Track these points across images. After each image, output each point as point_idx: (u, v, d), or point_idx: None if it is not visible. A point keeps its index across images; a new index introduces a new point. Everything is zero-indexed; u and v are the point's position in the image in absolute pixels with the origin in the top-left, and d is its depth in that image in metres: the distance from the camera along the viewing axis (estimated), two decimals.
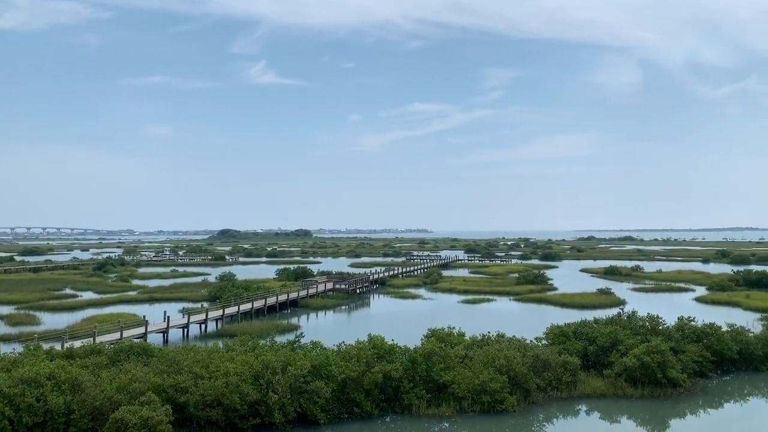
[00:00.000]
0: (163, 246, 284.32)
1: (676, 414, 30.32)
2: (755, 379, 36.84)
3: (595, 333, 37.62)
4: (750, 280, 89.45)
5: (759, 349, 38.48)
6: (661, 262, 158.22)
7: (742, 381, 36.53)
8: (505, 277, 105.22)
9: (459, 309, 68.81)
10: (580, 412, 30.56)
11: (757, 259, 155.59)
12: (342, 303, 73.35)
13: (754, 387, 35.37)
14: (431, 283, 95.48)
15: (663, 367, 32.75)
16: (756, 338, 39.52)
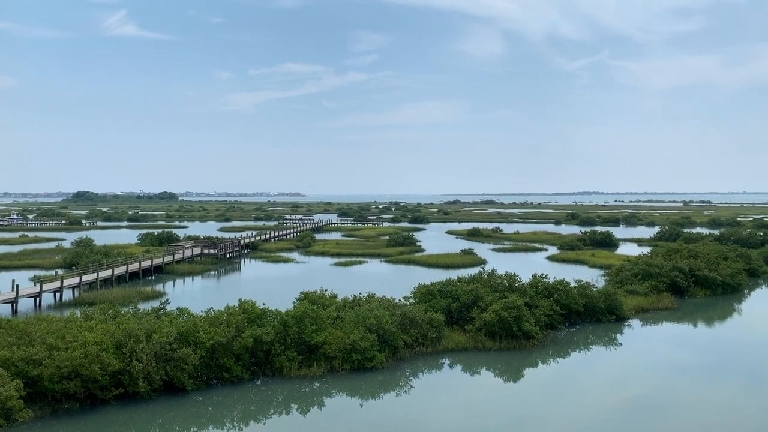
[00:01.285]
0: (10, 209, 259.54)
1: (530, 363, 32.96)
2: (597, 329, 40.81)
3: (458, 291, 39.68)
4: (595, 240, 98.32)
5: (601, 302, 42.56)
6: (518, 224, 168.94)
7: (586, 332, 40.32)
8: (377, 240, 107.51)
9: (332, 271, 69.54)
10: (444, 365, 32.32)
11: (602, 221, 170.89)
12: (211, 268, 71.47)
13: (596, 336, 39.18)
14: (304, 246, 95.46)
15: (518, 321, 35.36)
16: (599, 292, 43.63)
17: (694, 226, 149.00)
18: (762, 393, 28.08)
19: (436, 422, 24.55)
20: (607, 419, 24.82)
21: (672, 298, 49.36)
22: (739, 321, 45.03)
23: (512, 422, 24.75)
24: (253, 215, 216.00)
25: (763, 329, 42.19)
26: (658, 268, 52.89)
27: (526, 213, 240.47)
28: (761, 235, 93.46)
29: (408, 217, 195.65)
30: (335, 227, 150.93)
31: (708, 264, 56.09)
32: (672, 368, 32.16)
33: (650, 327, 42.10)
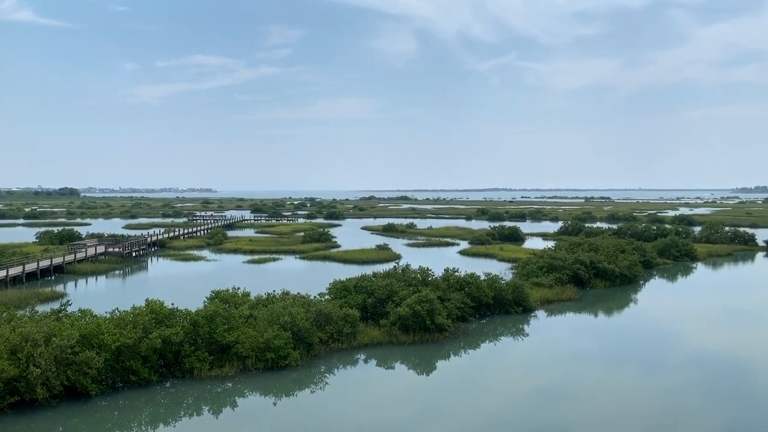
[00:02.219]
0: None
1: (442, 355, 33.73)
2: (506, 320, 42.31)
3: (373, 286, 39.99)
4: (503, 235, 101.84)
5: (509, 294, 44.15)
6: (432, 219, 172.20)
7: (495, 323, 41.70)
8: (292, 236, 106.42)
9: (245, 269, 68.24)
10: (359, 360, 32.51)
11: (510, 216, 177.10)
12: (116, 267, 68.35)
13: (504, 327, 40.61)
14: (215, 244, 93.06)
15: (431, 314, 36.09)
16: (507, 285, 45.23)
17: (595, 221, 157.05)
18: (658, 377, 30.04)
19: (351, 417, 24.67)
20: (517, 407, 25.81)
21: (574, 290, 51.91)
22: (635, 310, 47.96)
23: (426, 413, 25.25)
24: (161, 212, 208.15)
25: (656, 317, 45.15)
26: (562, 261, 55.44)
27: (439, 209, 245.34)
28: (655, 229, 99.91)
29: (323, 213, 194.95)
30: (248, 224, 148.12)
31: (607, 257, 59.34)
32: (575, 356, 33.84)
33: (555, 317, 44.09)
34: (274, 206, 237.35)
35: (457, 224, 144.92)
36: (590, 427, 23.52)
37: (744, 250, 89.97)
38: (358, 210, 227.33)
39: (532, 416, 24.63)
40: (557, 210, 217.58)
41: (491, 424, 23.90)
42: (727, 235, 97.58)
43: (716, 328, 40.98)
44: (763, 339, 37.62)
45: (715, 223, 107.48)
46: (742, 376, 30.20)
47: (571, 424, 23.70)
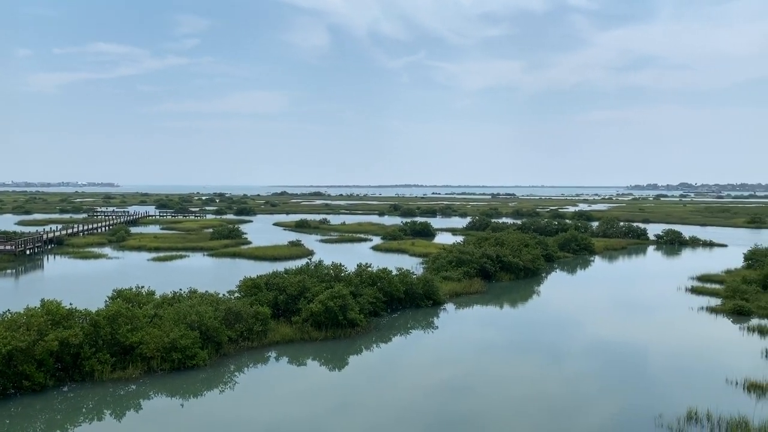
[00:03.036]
0: None
1: (354, 351, 33.90)
2: (417, 314, 43.07)
3: (285, 283, 39.58)
4: (415, 230, 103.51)
5: (420, 288, 44.96)
6: (345, 215, 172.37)
7: (407, 317, 42.36)
8: (200, 233, 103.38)
9: (149, 267, 65.65)
10: (270, 358, 32.10)
11: (422, 212, 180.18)
12: (7, 266, 63.91)
13: (415, 321, 41.33)
14: (118, 240, 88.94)
15: (344, 310, 36.18)
16: (418, 279, 46.06)
17: (501, 217, 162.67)
18: (560, 366, 31.53)
19: (262, 416, 24.33)
20: (427, 399, 26.33)
21: (481, 283, 53.60)
22: (538, 301, 50.10)
23: (338, 408, 25.30)
24: (59, 207, 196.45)
25: (558, 308, 47.38)
26: (470, 256, 57.08)
27: (352, 205, 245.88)
28: (556, 224, 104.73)
29: (233, 209, 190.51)
30: (153, 220, 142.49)
31: (512, 251, 61.64)
32: (483, 347, 34.94)
33: (463, 310, 45.34)
34: (180, 202, 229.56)
35: (370, 220, 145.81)
36: (498, 416, 24.39)
37: (637, 243, 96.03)
38: (269, 206, 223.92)
39: (442, 408, 25.23)
40: (466, 206, 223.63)
41: (402, 417, 24.29)
42: (621, 229, 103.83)
43: (611, 318, 43.52)
44: (652, 327, 40.33)
45: (610, 219, 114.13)
46: (634, 362, 32.25)
47: (479, 414, 24.48)
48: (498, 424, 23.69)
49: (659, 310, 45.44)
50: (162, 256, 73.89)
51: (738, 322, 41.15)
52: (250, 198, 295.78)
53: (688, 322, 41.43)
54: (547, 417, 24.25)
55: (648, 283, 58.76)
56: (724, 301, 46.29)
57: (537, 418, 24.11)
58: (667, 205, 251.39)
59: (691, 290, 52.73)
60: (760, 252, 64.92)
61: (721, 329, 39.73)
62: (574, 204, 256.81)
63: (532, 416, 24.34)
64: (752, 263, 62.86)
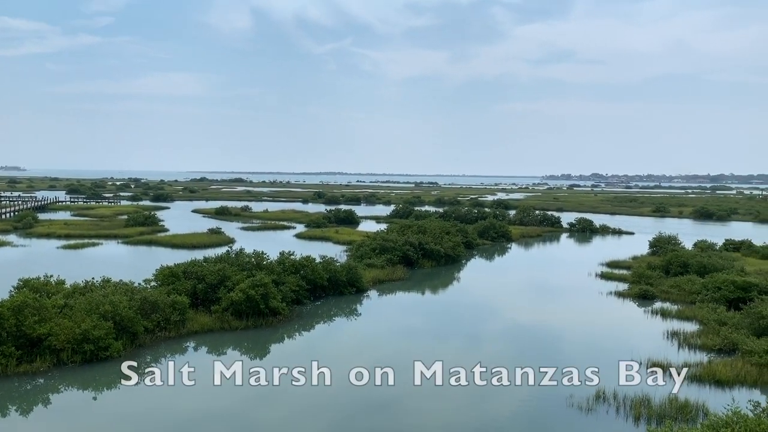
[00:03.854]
0: None
1: (276, 339, 33.62)
2: (340, 301, 43.16)
3: (204, 271, 38.65)
4: (339, 218, 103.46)
5: (343, 276, 45.04)
6: (268, 202, 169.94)
7: (330, 304, 42.38)
8: (114, 220, 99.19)
9: (59, 255, 62.41)
10: (188, 348, 31.34)
11: (346, 199, 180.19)
12: None
13: (339, 309, 41.41)
14: (24, 228, 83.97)
15: (266, 298, 35.74)
16: (342, 267, 46.11)
17: (423, 205, 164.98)
18: (478, 347, 32.46)
19: (180, 406, 23.76)
20: (351, 385, 26.39)
21: (404, 270, 54.33)
22: (458, 287, 51.32)
23: (259, 398, 25.04)
24: None
25: (476, 293, 48.71)
26: (393, 243, 57.67)
27: (275, 192, 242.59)
28: (476, 213, 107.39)
29: (150, 194, 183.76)
30: (63, 206, 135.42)
31: (434, 238, 62.73)
32: (405, 332, 35.48)
33: (386, 296, 45.83)
34: (93, 187, 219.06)
35: (294, 207, 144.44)
36: (418, 400, 24.87)
37: (551, 231, 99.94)
38: (188, 192, 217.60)
39: (364, 393, 25.45)
40: (390, 194, 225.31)
41: (325, 403, 24.35)
42: (537, 218, 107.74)
43: (527, 302, 45.18)
44: (565, 311, 42.20)
45: (527, 208, 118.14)
46: (548, 344, 33.66)
47: (400, 399, 24.89)
48: (418, 408, 24.19)
49: (571, 295, 47.58)
50: (73, 243, 70.35)
51: (643, 305, 43.68)
52: (167, 184, 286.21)
53: (598, 306, 43.60)
54: (466, 401, 24.96)
55: (561, 269, 61.33)
56: (631, 286, 48.97)
57: (456, 402, 24.77)
58: (579, 194, 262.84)
59: (601, 276, 55.45)
60: (664, 239, 69.05)
61: (627, 312, 42.06)
62: (493, 193, 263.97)
63: (451, 400, 24.98)
64: (656, 250, 66.79)
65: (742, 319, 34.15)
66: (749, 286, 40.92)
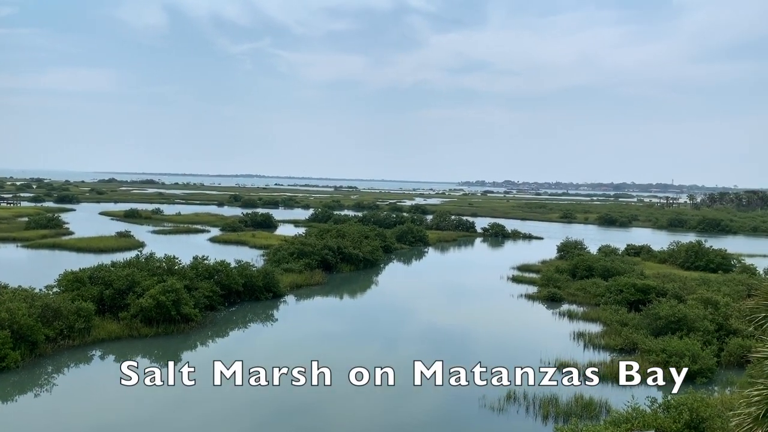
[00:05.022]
0: None
1: (188, 346, 32.60)
2: (256, 307, 42.40)
3: (112, 276, 36.98)
4: (256, 222, 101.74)
5: (260, 281, 44.29)
6: (181, 205, 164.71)
7: (245, 310, 41.54)
8: (13, 222, 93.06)
9: None
10: (94, 357, 29.87)
11: (263, 203, 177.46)
12: None
13: (254, 314, 40.67)
14: None
15: (177, 304, 34.61)
16: (258, 272, 45.33)
17: (343, 209, 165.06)
18: (396, 349, 32.75)
19: (84, 418, 22.57)
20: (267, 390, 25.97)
21: (322, 274, 54.10)
22: (376, 291, 51.64)
23: (171, 406, 24.18)
24: None
25: (394, 296, 49.19)
26: (312, 247, 57.32)
27: (188, 194, 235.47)
28: (395, 217, 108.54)
29: (53, 196, 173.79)
30: None
31: (353, 242, 62.87)
32: (323, 337, 35.28)
33: (304, 301, 45.45)
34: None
35: (209, 210, 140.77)
36: (336, 403, 24.77)
37: (466, 235, 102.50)
38: (96, 193, 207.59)
39: (281, 397, 25.11)
40: (308, 198, 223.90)
41: (240, 409, 23.82)
42: (453, 222, 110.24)
43: (442, 305, 46.05)
44: (478, 313, 43.34)
45: (443, 213, 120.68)
46: (462, 346, 34.44)
47: (318, 402, 24.70)
48: (336, 411, 24.11)
49: (485, 297, 48.93)
50: None
51: (551, 307, 45.53)
52: (72, 185, 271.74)
53: (510, 308, 45.06)
54: (383, 402, 25.12)
55: (475, 272, 62.97)
56: (540, 289, 50.94)
57: (373, 404, 24.88)
58: (493, 200, 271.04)
59: (513, 279, 57.37)
60: (570, 244, 72.30)
61: (537, 314, 43.71)
62: (411, 198, 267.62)
63: (369, 402, 25.07)
64: (564, 254, 69.81)
65: (642, 319, 36.24)
66: (648, 289, 43.54)
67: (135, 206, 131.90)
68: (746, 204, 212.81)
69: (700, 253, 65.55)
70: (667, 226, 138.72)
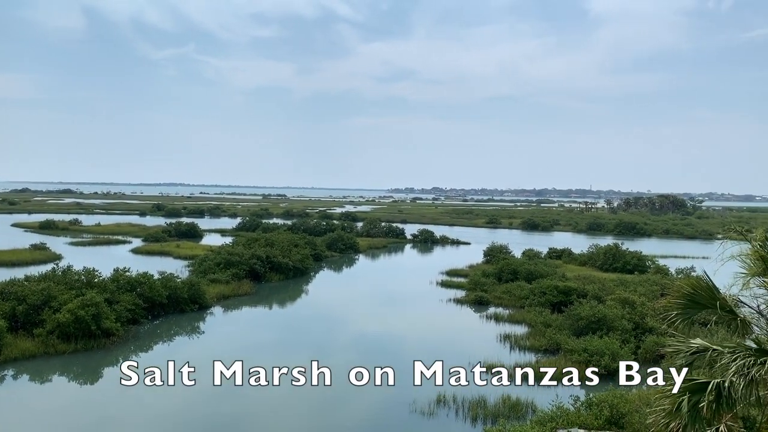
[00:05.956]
0: None
1: (109, 362, 31.27)
2: (181, 319, 41.18)
3: (25, 291, 35.03)
4: (181, 231, 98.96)
5: (185, 293, 43.07)
6: (101, 215, 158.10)
7: (170, 323, 40.27)
8: None
9: None
10: (6, 377, 28.18)
11: (188, 212, 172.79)
12: None
13: (180, 327, 39.48)
14: None
15: (97, 318, 33.16)
16: (183, 283, 44.08)
17: (272, 217, 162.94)
18: (327, 360, 32.47)
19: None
20: (195, 405, 25.30)
21: (251, 284, 53.17)
22: (306, 300, 51.22)
23: (92, 426, 23.12)
24: None
25: (325, 305, 48.93)
26: (239, 257, 56.25)
27: (109, 204, 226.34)
28: (325, 225, 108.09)
29: None
30: None
31: (282, 251, 62.13)
32: (252, 348, 34.61)
33: (232, 312, 44.52)
34: None
35: (131, 220, 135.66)
36: (266, 414, 24.39)
37: (396, 242, 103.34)
38: (7, 204, 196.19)
39: (210, 411, 24.48)
40: (236, 206, 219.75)
41: (166, 426, 23.06)
42: (383, 229, 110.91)
43: (373, 312, 46.19)
44: (409, 319, 43.72)
45: (373, 220, 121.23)
46: (393, 352, 34.64)
47: (248, 414, 24.23)
48: (266, 421, 23.73)
49: (415, 303, 49.44)
50: None
51: (479, 311, 46.52)
52: None
53: (439, 313, 45.72)
54: (314, 410, 24.93)
55: (405, 278, 63.55)
56: (468, 293, 51.93)
57: (303, 413, 24.64)
58: (422, 207, 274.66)
59: (441, 284, 58.26)
60: (496, 249, 74.17)
61: (465, 318, 44.55)
62: (342, 205, 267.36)
63: (299, 411, 24.82)
64: (490, 259, 71.53)
65: (564, 320, 37.59)
66: (569, 291, 45.23)
67: (51, 217, 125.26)
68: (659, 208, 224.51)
69: (618, 255, 68.63)
70: (587, 229, 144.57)
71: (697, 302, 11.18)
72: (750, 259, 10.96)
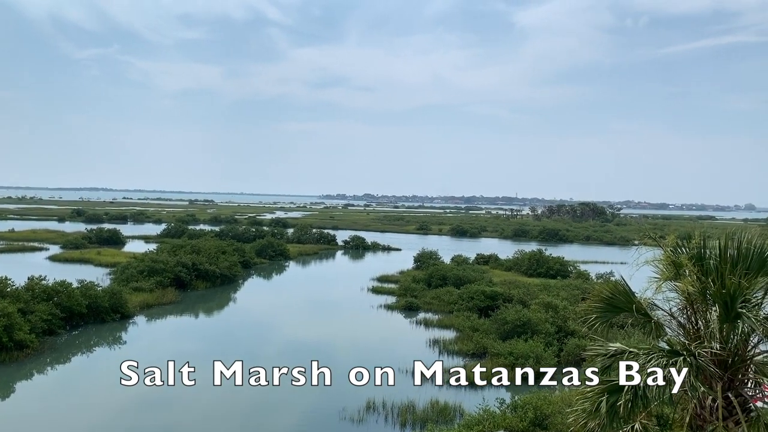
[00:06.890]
0: None
1: (23, 376, 29.64)
2: (102, 329, 39.50)
3: None
4: (102, 238, 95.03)
5: (106, 302, 41.35)
6: (15, 221, 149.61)
7: (89, 333, 38.55)
8: None
9: None
10: None
11: (110, 218, 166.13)
12: None
13: (100, 337, 37.85)
14: None
15: (9, 330, 31.37)
16: (104, 291, 42.32)
17: (198, 223, 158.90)
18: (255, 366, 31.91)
19: None
20: (116, 419, 24.31)
21: (176, 292, 51.62)
22: (234, 308, 50.20)
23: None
24: None
25: (254, 312, 48.11)
26: (164, 264, 54.52)
27: (24, 209, 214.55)
28: (254, 231, 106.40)
29: None
30: None
31: (209, 258, 60.68)
32: (177, 359, 33.52)
33: (155, 322, 43.09)
34: None
35: (48, 226, 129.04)
36: (193, 425, 23.71)
37: (328, 248, 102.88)
38: None
39: (133, 425, 23.57)
40: (161, 212, 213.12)
41: None
42: (314, 236, 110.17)
43: (303, 319, 45.81)
44: (339, 325, 43.62)
45: (304, 226, 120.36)
46: (323, 359, 34.41)
47: (174, 425, 23.50)
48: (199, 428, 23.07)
49: (346, 309, 49.36)
50: None
51: (409, 316, 46.93)
52: None
53: (370, 319, 45.83)
54: (243, 420, 24.45)
55: (337, 285, 63.36)
56: (398, 299, 52.34)
57: (231, 423, 24.11)
58: (353, 213, 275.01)
59: (372, 290, 58.45)
60: (426, 255, 75.10)
61: (395, 323, 44.84)
62: (272, 211, 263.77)
63: (227, 421, 24.27)
64: (420, 264, 72.33)
65: (491, 325, 38.47)
66: (496, 295, 46.35)
67: None
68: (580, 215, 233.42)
69: (541, 260, 70.85)
70: (512, 236, 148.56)
71: (615, 306, 11.68)
72: (662, 264, 11.55)
